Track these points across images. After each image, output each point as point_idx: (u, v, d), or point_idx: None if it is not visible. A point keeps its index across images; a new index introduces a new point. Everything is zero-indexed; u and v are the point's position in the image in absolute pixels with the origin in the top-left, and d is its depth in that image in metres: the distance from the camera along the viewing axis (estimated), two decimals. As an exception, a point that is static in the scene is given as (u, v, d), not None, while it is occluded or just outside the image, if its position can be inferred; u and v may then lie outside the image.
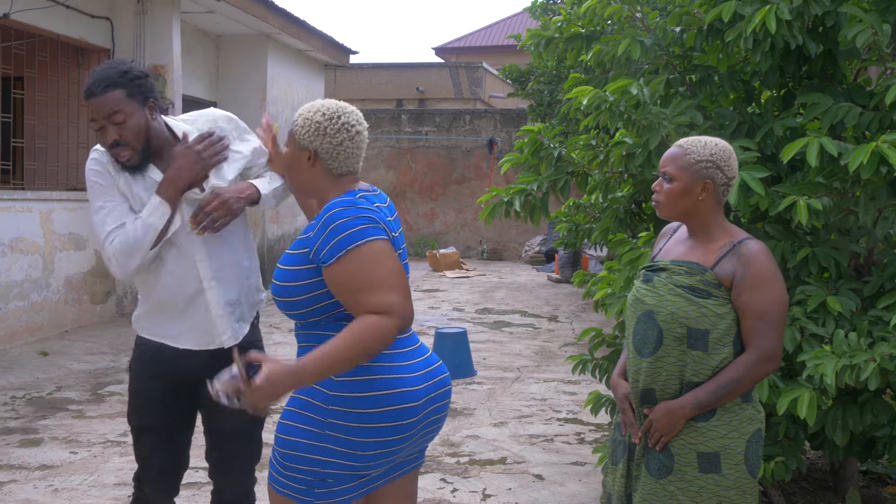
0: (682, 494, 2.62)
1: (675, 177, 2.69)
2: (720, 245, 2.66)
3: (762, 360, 2.58)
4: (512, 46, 22.45)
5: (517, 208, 4.26)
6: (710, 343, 2.60)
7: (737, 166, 2.71)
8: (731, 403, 2.61)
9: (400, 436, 2.38)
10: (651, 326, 2.66)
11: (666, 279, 2.67)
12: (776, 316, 2.59)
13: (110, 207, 2.88)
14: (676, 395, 2.64)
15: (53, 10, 8.92)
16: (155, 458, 3.01)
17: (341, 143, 2.42)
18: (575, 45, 4.62)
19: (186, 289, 2.91)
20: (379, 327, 2.24)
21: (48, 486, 4.60)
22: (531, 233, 18.91)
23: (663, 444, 2.64)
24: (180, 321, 2.95)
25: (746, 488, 2.63)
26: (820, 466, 4.86)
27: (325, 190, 2.46)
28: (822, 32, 3.84)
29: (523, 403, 6.56)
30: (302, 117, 2.45)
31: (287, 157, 2.50)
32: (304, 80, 14.59)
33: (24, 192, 8.76)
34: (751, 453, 2.63)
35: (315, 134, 2.41)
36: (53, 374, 7.21)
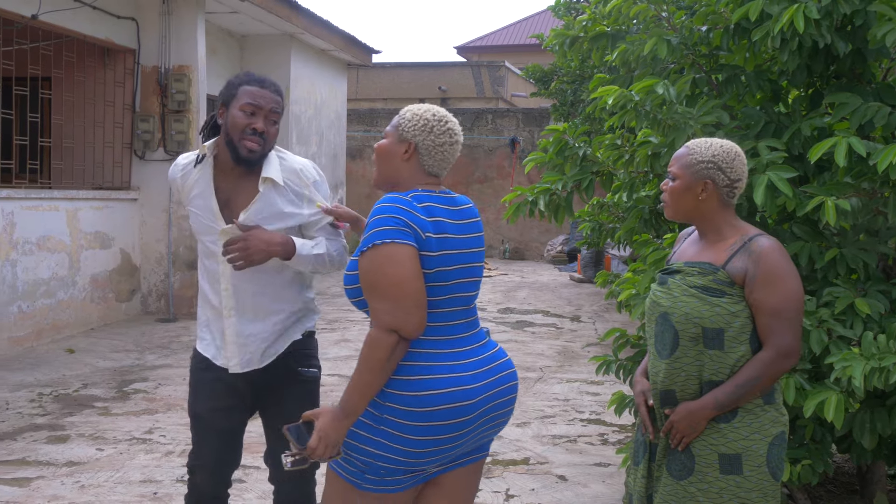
0: (703, 496, 2.61)
1: (678, 176, 2.71)
2: (731, 243, 2.66)
3: (780, 358, 2.57)
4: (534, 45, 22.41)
5: (542, 208, 4.25)
6: (726, 341, 2.59)
7: (743, 169, 2.70)
8: (752, 405, 2.60)
9: (452, 434, 2.41)
10: (667, 328, 2.67)
11: (680, 280, 2.68)
12: (792, 312, 2.58)
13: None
14: (696, 396, 2.64)
15: (80, 11, 9.00)
16: (205, 447, 3.09)
17: (442, 144, 2.54)
18: (600, 45, 4.60)
19: (214, 304, 3.05)
20: (373, 340, 2.35)
21: (75, 483, 4.65)
22: (553, 232, 18.87)
23: (685, 446, 2.64)
24: (207, 330, 3.09)
25: (768, 491, 2.61)
26: (847, 470, 4.82)
27: (407, 185, 2.54)
28: (851, 31, 3.80)
29: (546, 404, 6.55)
30: (410, 112, 2.57)
31: (382, 148, 2.59)
32: (326, 80, 14.64)
33: (50, 191, 8.85)
34: (773, 456, 2.61)
35: (421, 129, 2.53)
36: (80, 372, 7.28)
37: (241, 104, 2.91)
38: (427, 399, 2.37)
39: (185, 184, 3.04)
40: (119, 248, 9.78)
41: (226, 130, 2.93)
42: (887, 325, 3.42)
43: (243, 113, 2.90)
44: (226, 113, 2.94)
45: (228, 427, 3.11)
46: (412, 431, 2.37)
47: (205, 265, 3.07)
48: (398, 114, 2.61)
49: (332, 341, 8.88)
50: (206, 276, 3.06)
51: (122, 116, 10.04)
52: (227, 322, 3.00)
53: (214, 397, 3.05)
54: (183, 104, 10.02)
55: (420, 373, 2.39)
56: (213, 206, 2.98)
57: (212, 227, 2.99)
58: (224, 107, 2.96)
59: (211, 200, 2.98)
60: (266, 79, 2.99)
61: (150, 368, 7.47)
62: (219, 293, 3.01)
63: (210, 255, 3.02)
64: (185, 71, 10.03)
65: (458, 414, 2.40)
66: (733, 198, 2.70)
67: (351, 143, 18.74)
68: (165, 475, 4.77)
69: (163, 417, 5.92)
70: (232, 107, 2.92)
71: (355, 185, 19.02)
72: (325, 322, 10.07)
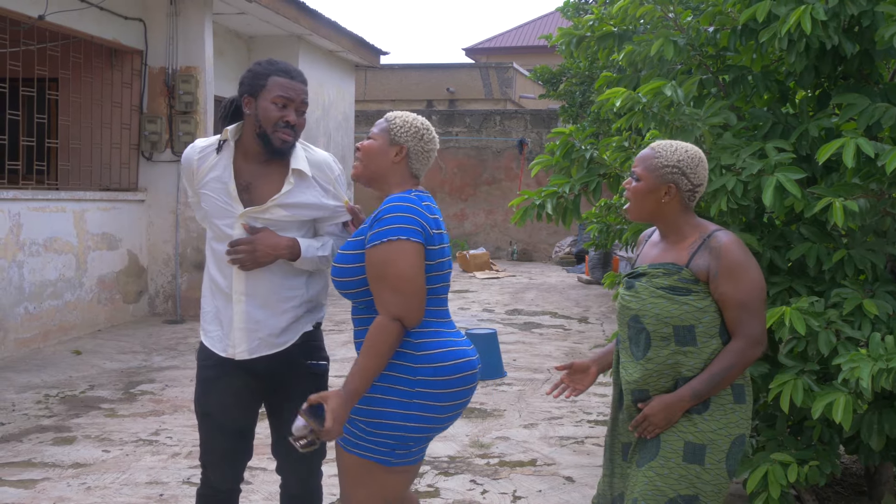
0: (661, 480, 2.66)
1: (641, 177, 2.77)
2: (691, 241, 2.74)
3: (750, 346, 2.65)
4: (543, 47, 22.40)
5: (549, 211, 4.24)
6: (698, 337, 2.67)
7: (706, 174, 2.78)
8: (723, 401, 2.68)
9: (466, 397, 2.77)
10: (639, 330, 2.74)
11: (647, 283, 2.75)
12: (757, 302, 2.68)
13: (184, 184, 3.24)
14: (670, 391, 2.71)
15: (87, 11, 9.02)
16: (215, 443, 3.10)
17: (428, 151, 2.85)
18: (607, 45, 4.60)
19: (224, 289, 3.04)
20: (381, 327, 2.62)
21: (81, 485, 4.65)
22: (561, 234, 18.85)
23: (654, 435, 2.71)
24: (216, 321, 3.07)
25: (722, 487, 2.69)
26: (855, 471, 4.80)
27: (393, 184, 2.81)
28: (859, 32, 3.79)
29: (553, 405, 6.54)
30: (401, 119, 2.83)
31: (373, 148, 2.82)
32: (334, 81, 14.64)
33: (57, 192, 8.86)
34: (732, 454, 2.69)
35: (412, 135, 2.81)
36: (86, 373, 7.29)
37: (273, 96, 2.93)
38: (451, 368, 2.69)
39: (202, 167, 3.04)
40: (126, 249, 9.79)
41: (256, 122, 2.95)
42: (895, 326, 3.41)
43: (275, 105, 2.93)
44: (254, 103, 2.95)
45: (237, 423, 3.12)
46: (442, 398, 2.68)
47: (214, 249, 3.05)
48: (385, 118, 2.86)
49: (340, 342, 8.88)
50: (215, 262, 3.05)
51: (130, 117, 10.06)
52: (236, 307, 3.00)
53: (223, 393, 3.05)
54: (190, 105, 10.03)
55: (439, 346, 2.70)
56: (231, 189, 2.99)
57: (228, 209, 3.00)
58: (252, 97, 2.96)
59: (230, 183, 3.00)
60: (293, 69, 3.01)
61: (157, 370, 7.48)
62: (229, 277, 3.01)
63: (222, 238, 3.02)
64: (192, 72, 10.04)
65: (471, 379, 2.76)
66: (693, 201, 2.78)
67: (358, 144, 18.74)
68: (172, 477, 4.77)
69: (169, 419, 5.92)
70: (262, 98, 2.94)
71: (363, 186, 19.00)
72: (333, 323, 10.07)
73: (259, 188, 3.02)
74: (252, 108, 2.96)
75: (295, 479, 3.18)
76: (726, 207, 3.64)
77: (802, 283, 3.78)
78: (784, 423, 3.94)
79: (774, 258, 3.84)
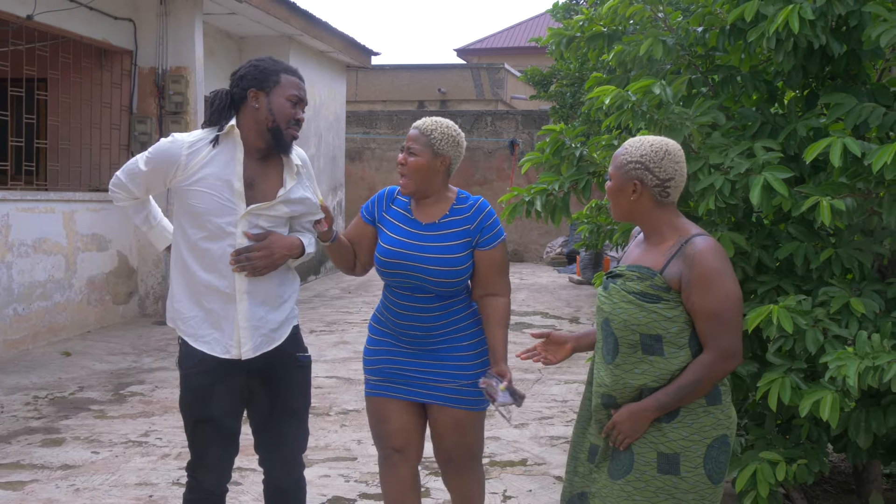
0: (639, 494, 2.60)
1: (612, 176, 2.72)
2: (669, 245, 2.64)
3: (721, 360, 2.56)
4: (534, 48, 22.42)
5: (538, 208, 4.24)
6: (665, 347, 2.58)
7: (675, 167, 2.65)
8: (694, 405, 2.59)
9: None
10: (608, 334, 2.68)
11: (620, 286, 2.67)
12: (731, 313, 2.56)
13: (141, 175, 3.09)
14: (637, 400, 2.64)
15: (76, 11, 8.99)
16: (212, 447, 3.09)
17: (461, 156, 3.25)
18: (596, 45, 4.60)
19: (223, 290, 3.01)
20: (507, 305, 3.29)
21: (70, 486, 4.63)
22: (552, 234, 18.86)
23: (626, 446, 2.64)
24: (208, 325, 3.03)
25: (705, 494, 2.60)
26: (843, 469, 4.82)
27: (440, 189, 3.25)
28: (846, 32, 3.80)
29: (544, 405, 6.54)
30: (438, 131, 3.17)
31: (421, 165, 3.17)
32: (326, 82, 14.63)
33: (47, 192, 8.83)
34: (711, 459, 2.60)
35: (452, 145, 3.19)
36: (76, 375, 7.27)
37: (288, 94, 3.01)
38: None
39: (191, 163, 2.98)
40: (116, 250, 9.76)
41: (270, 116, 2.98)
42: (882, 324, 3.42)
43: (290, 103, 3.01)
44: (265, 99, 2.98)
45: (234, 425, 3.13)
46: None
47: (207, 250, 2.99)
48: (420, 131, 3.17)
49: (331, 343, 8.87)
50: (207, 263, 3.00)
51: (119, 118, 10.04)
52: (239, 306, 3.00)
53: (221, 398, 3.05)
54: (180, 106, 10.01)
55: None
56: (238, 185, 2.99)
57: (230, 207, 2.98)
58: (262, 91, 2.98)
59: (235, 181, 2.98)
60: (296, 69, 3.12)
61: (147, 371, 7.46)
62: (230, 277, 2.99)
63: (221, 237, 2.98)
64: (182, 72, 10.02)
65: None
66: (668, 197, 2.67)
67: (350, 144, 18.73)
68: (161, 478, 4.76)
69: (159, 420, 5.91)
70: (276, 94, 2.99)
71: (354, 186, 19.01)
72: (324, 324, 10.06)
73: (261, 184, 3.03)
74: (263, 103, 2.98)
75: (282, 472, 3.20)
76: (714, 206, 3.65)
77: (790, 281, 3.79)
78: (772, 422, 3.95)
79: (762, 257, 3.85)
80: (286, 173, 3.09)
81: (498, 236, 3.22)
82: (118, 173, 3.16)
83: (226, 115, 3.03)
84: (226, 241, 2.98)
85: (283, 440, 3.18)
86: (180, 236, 3.06)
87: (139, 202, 3.21)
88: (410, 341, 3.25)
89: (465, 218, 3.20)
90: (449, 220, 3.20)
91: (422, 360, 3.25)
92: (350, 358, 8.14)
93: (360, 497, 4.53)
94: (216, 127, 3.02)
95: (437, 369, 3.23)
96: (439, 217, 3.21)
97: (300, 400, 3.21)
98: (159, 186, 3.10)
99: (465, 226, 3.19)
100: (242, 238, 3.00)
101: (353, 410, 6.24)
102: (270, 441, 3.17)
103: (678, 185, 2.67)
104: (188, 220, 3.02)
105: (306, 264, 13.61)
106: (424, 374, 3.24)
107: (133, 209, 3.22)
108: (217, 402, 3.04)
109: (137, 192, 3.14)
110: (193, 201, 2.99)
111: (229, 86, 3.08)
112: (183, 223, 3.04)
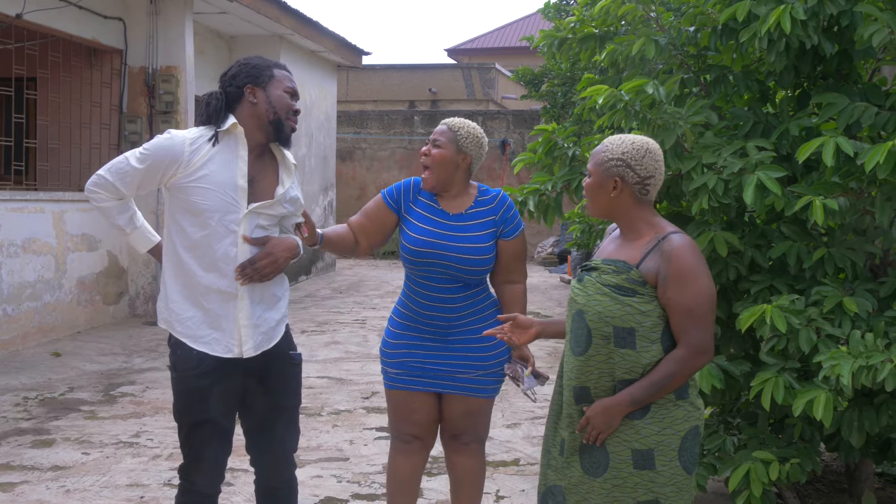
0: (619, 491, 2.65)
1: (591, 173, 2.75)
2: (646, 241, 2.68)
3: (693, 355, 2.60)
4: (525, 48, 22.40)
5: (531, 208, 4.24)
6: (638, 341, 2.62)
7: (655, 165, 2.69)
8: (664, 400, 2.64)
9: None
10: (581, 325, 2.70)
11: (596, 278, 2.71)
12: (704, 310, 2.61)
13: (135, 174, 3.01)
14: (610, 393, 2.67)
15: (66, 10, 8.95)
16: (208, 449, 3.08)
17: (482, 159, 3.44)
18: (588, 46, 4.61)
19: (224, 289, 2.99)
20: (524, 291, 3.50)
21: (60, 487, 4.61)
22: (544, 234, 18.88)
23: (601, 441, 2.68)
24: (207, 325, 3.00)
25: (682, 485, 2.65)
26: (835, 468, 4.83)
27: (462, 185, 3.40)
28: (838, 32, 3.81)
29: (536, 405, 6.53)
30: (465, 130, 3.35)
31: (445, 157, 3.33)
32: (316, 81, 14.61)
33: (36, 192, 8.79)
34: (686, 450, 2.65)
35: (476, 145, 3.37)
36: (66, 375, 7.23)
37: (285, 87, 3.06)
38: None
39: (193, 160, 2.95)
40: (106, 250, 9.72)
41: (270, 109, 3.02)
42: (875, 323, 3.43)
43: (287, 95, 3.06)
44: (263, 93, 3.02)
45: (230, 426, 3.13)
46: None
47: (212, 249, 2.96)
48: (448, 127, 3.34)
49: (322, 343, 8.85)
50: (211, 263, 2.97)
51: (109, 117, 10.00)
52: (240, 304, 2.99)
53: (220, 399, 3.03)
54: (171, 105, 9.98)
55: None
56: (242, 183, 2.98)
57: (234, 205, 2.96)
58: (258, 87, 3.01)
59: (238, 178, 2.98)
60: (285, 65, 3.17)
61: (138, 372, 7.43)
62: (231, 275, 2.98)
63: (224, 235, 2.96)
64: (172, 72, 9.99)
65: None
66: (647, 195, 2.71)
67: (341, 144, 18.70)
68: (152, 479, 4.74)
69: (150, 421, 5.88)
70: (273, 88, 3.03)
71: (345, 187, 18.99)
72: (315, 324, 10.04)
73: (260, 182, 3.04)
74: (261, 97, 3.00)
75: (274, 471, 3.21)
76: (707, 206, 3.66)
77: (783, 281, 3.79)
78: (765, 421, 3.96)
79: (756, 256, 3.86)
80: (282, 171, 3.10)
81: (519, 226, 3.43)
82: (102, 172, 3.05)
83: (223, 114, 3.02)
84: (228, 240, 2.96)
85: (276, 440, 3.18)
86: (177, 235, 3.00)
87: (123, 202, 3.12)
88: (433, 332, 3.37)
89: (490, 209, 3.38)
90: (475, 210, 3.37)
91: (442, 352, 3.38)
92: (342, 358, 8.12)
93: (352, 497, 4.52)
94: (213, 125, 3.00)
95: (458, 360, 3.38)
96: (465, 208, 3.38)
97: (292, 399, 3.21)
98: (154, 184, 3.04)
99: (491, 216, 3.37)
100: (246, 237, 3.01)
101: (345, 411, 6.23)
102: (263, 441, 3.17)
103: (657, 184, 2.72)
104: (188, 218, 2.98)
105: (297, 265, 13.59)
106: (445, 367, 3.38)
107: (117, 210, 3.11)
108: (216, 403, 3.03)
109: (126, 191, 3.06)
110: (196, 198, 2.95)
111: (220, 87, 3.06)
112: (181, 222, 2.99)
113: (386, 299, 12.33)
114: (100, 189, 3.06)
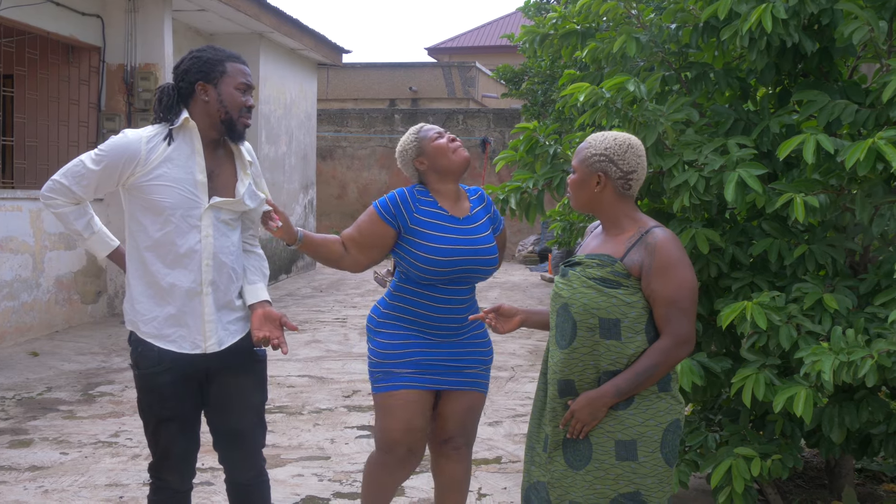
0: (600, 483, 2.67)
1: (575, 168, 2.80)
2: (629, 235, 2.74)
3: (676, 346, 2.66)
4: (505, 46, 22.44)
5: (513, 206, 4.24)
6: (623, 332, 2.66)
7: (638, 160, 2.74)
8: (647, 392, 2.68)
9: None
10: (567, 318, 2.73)
11: (580, 273, 2.74)
12: (687, 301, 2.67)
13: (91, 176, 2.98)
14: (595, 385, 2.71)
15: (44, 7, 8.87)
16: (176, 446, 3.06)
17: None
18: (570, 42, 4.61)
19: (189, 285, 2.97)
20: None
21: (38, 488, 4.56)
22: (525, 232, 18.90)
23: (584, 434, 2.70)
24: (172, 324, 2.99)
25: (663, 477, 2.69)
26: (815, 464, 4.85)
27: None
28: (818, 30, 3.82)
29: (518, 402, 6.54)
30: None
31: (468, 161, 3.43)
32: (296, 79, 14.55)
33: (13, 190, 8.70)
34: (667, 442, 2.69)
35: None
36: (44, 375, 7.16)
37: (237, 83, 2.99)
38: None
39: (150, 157, 2.93)
40: (84, 249, 9.63)
41: (221, 108, 2.96)
42: (855, 320, 3.45)
43: (239, 92, 2.99)
44: (214, 90, 2.96)
45: (196, 422, 3.11)
46: None
47: (175, 246, 2.94)
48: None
49: (303, 342, 8.82)
50: (175, 260, 2.95)
51: (87, 115, 9.91)
52: (205, 300, 2.98)
53: (182, 396, 3.02)
54: (150, 103, 9.89)
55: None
56: (200, 178, 2.97)
57: (194, 201, 2.95)
58: (209, 83, 2.96)
59: (197, 173, 2.96)
60: (239, 54, 3.08)
61: (117, 371, 7.38)
62: (196, 270, 2.96)
63: (186, 231, 2.94)
64: (151, 69, 9.92)
65: None
66: (629, 189, 2.76)
67: (321, 143, 18.65)
68: (132, 479, 4.70)
69: (129, 420, 5.83)
70: (224, 84, 2.97)
71: (325, 185, 18.93)
72: (296, 323, 9.99)
73: (220, 176, 3.02)
74: (213, 95, 2.96)
75: (244, 468, 3.18)
76: (689, 203, 3.67)
77: (764, 278, 3.81)
78: (747, 418, 3.97)
79: (737, 254, 3.87)
80: (238, 166, 3.09)
81: (502, 219, 3.56)
82: (57, 177, 3.00)
83: (175, 110, 2.99)
84: (190, 235, 2.95)
85: (242, 436, 3.16)
86: (138, 235, 2.98)
87: (80, 207, 3.08)
88: (443, 333, 3.35)
89: (483, 207, 3.45)
90: (476, 210, 3.41)
91: (449, 349, 3.36)
92: (323, 357, 8.09)
93: (333, 496, 4.50)
94: (167, 122, 2.98)
95: (465, 355, 3.39)
96: (469, 210, 3.40)
97: (258, 395, 3.18)
98: (111, 185, 3.00)
99: (487, 214, 3.45)
100: (208, 231, 2.97)
101: (326, 409, 6.20)
102: (229, 438, 3.14)
103: (639, 179, 2.77)
104: (148, 216, 2.96)
105: (277, 263, 13.54)
106: (453, 362, 3.37)
107: (74, 214, 3.06)
108: (180, 399, 3.02)
109: (83, 195, 3.02)
110: (156, 196, 2.93)
111: (173, 80, 3.03)
112: (142, 221, 2.97)
113: (367, 298, 12.30)
114: (55, 195, 3.01)
